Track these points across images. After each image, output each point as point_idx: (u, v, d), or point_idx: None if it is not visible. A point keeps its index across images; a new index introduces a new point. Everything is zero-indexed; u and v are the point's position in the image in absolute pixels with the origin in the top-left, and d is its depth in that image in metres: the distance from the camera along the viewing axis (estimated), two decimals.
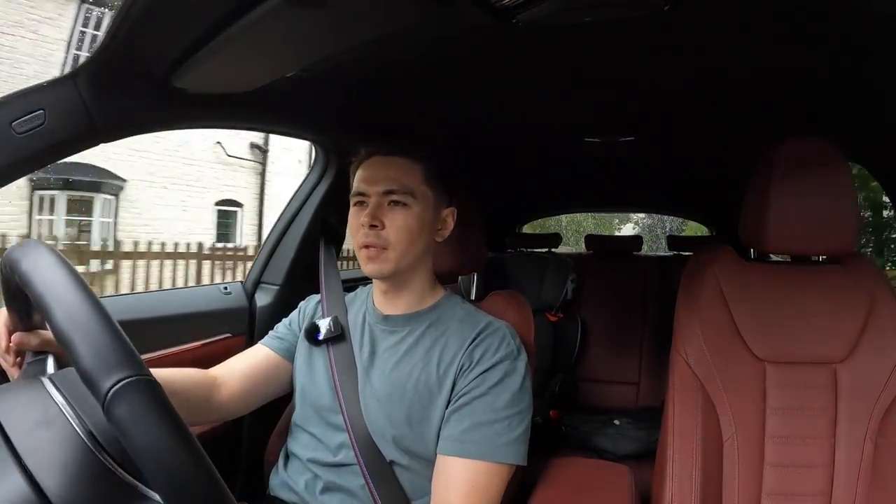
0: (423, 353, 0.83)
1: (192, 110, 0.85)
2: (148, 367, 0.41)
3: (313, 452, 0.84)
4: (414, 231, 0.82)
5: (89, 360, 0.39)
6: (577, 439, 1.78)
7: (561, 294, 2.08)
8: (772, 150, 0.92)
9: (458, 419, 0.78)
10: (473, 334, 0.83)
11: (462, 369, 0.80)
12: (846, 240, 0.91)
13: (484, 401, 0.78)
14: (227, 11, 0.57)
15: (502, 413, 0.77)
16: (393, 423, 0.80)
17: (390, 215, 0.82)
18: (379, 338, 0.88)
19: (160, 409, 0.39)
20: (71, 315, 0.41)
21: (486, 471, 0.75)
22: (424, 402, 0.80)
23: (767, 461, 0.90)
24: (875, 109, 1.02)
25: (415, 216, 0.82)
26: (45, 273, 0.44)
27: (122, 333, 0.41)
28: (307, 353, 0.90)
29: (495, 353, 0.80)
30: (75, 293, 0.42)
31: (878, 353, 0.90)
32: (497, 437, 0.76)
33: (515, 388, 0.79)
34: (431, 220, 0.86)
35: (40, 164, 0.70)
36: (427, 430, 0.79)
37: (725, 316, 0.94)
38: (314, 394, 0.86)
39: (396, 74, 0.93)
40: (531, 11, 0.61)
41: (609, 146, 1.40)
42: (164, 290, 1.22)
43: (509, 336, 0.84)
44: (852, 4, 0.62)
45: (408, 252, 0.83)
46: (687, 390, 0.92)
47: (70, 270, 0.44)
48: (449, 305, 0.89)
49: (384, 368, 0.84)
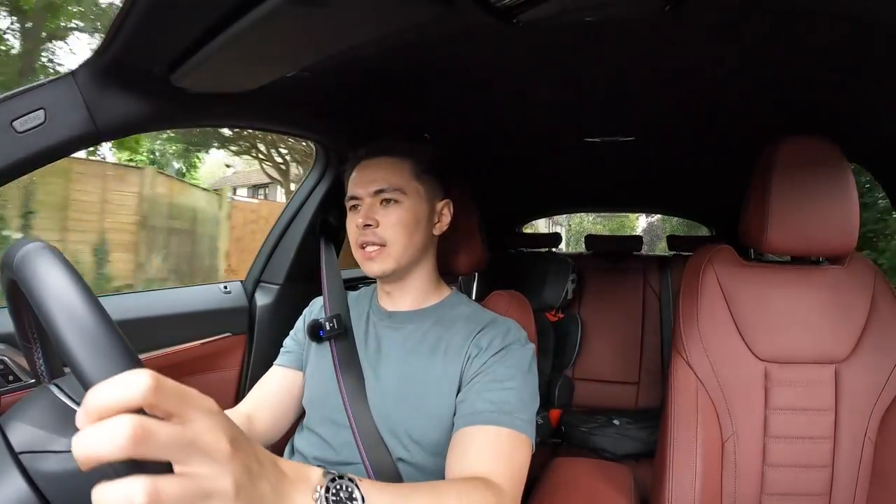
0: (429, 348, 0.83)
1: (193, 109, 0.86)
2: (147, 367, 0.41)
3: (318, 451, 0.84)
4: (409, 225, 0.83)
5: (83, 361, 0.39)
6: (577, 439, 1.78)
7: (561, 294, 2.08)
8: (772, 150, 0.92)
9: (472, 397, 0.76)
10: (480, 327, 0.83)
11: (469, 358, 0.80)
12: (847, 240, 0.91)
13: (496, 379, 0.77)
14: (227, 11, 0.57)
15: (514, 392, 0.76)
16: (403, 415, 0.80)
17: (383, 213, 0.83)
18: (384, 335, 0.88)
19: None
20: (66, 314, 0.41)
21: (507, 437, 0.71)
22: (433, 393, 0.80)
23: (767, 461, 0.90)
24: (875, 109, 1.02)
25: (408, 211, 0.83)
26: (43, 272, 0.44)
27: (119, 332, 0.41)
28: (314, 356, 0.91)
29: (504, 339, 0.81)
30: (72, 292, 0.42)
31: (879, 352, 0.90)
32: (513, 409, 0.73)
33: (525, 369, 0.80)
34: (426, 214, 0.86)
35: (40, 164, 0.70)
36: (438, 420, 0.78)
37: (726, 316, 0.94)
38: (319, 394, 0.87)
39: (396, 74, 0.93)
40: (531, 11, 0.61)
41: (609, 146, 1.40)
42: (164, 290, 1.22)
43: (515, 328, 0.85)
44: (852, 4, 0.62)
45: (407, 247, 0.84)
46: (687, 390, 0.92)
47: (69, 269, 0.44)
48: (455, 303, 0.90)
49: (391, 364, 0.84)
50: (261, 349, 1.24)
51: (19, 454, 0.42)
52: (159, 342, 1.06)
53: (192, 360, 1.13)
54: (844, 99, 0.98)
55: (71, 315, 0.40)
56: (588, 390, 2.08)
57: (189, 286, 1.32)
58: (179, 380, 0.33)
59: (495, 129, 1.32)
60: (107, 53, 0.67)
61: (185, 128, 0.93)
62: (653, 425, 1.72)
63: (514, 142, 1.45)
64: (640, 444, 1.69)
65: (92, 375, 0.38)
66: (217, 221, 7.09)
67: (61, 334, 0.39)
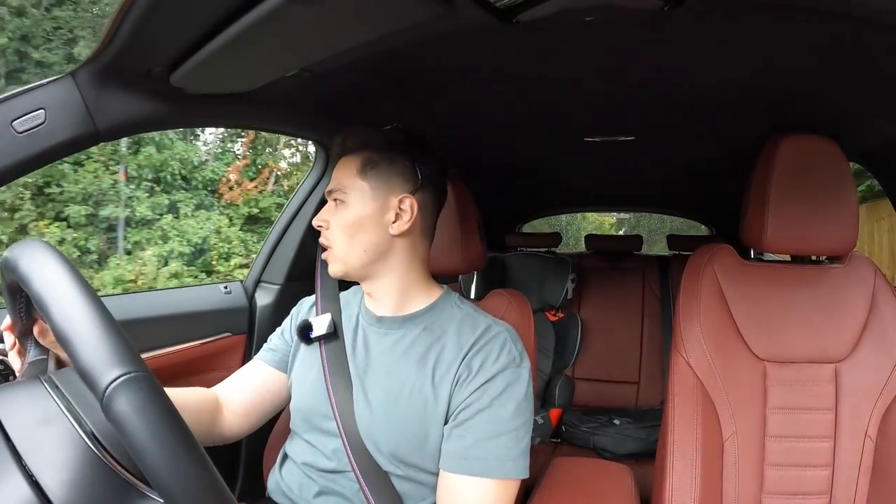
0: (417, 358, 0.79)
1: (192, 110, 0.86)
2: (148, 367, 0.41)
3: (309, 457, 0.82)
4: (349, 226, 0.79)
5: (87, 358, 0.39)
6: (578, 439, 1.78)
7: (561, 293, 2.08)
8: (772, 150, 0.92)
9: (460, 434, 0.74)
10: (472, 340, 0.78)
11: (459, 381, 0.76)
12: (846, 239, 0.91)
13: (487, 414, 0.74)
14: (228, 11, 0.57)
15: (507, 425, 0.74)
16: (388, 436, 0.77)
17: (334, 214, 0.81)
18: (372, 340, 0.84)
19: (158, 404, 0.38)
20: (69, 313, 0.41)
21: (494, 488, 0.72)
22: (420, 414, 0.76)
23: (768, 461, 0.90)
24: (875, 109, 1.02)
25: (349, 210, 0.79)
26: (44, 271, 0.44)
27: (120, 330, 0.41)
28: (301, 359, 0.88)
29: (496, 362, 0.76)
30: (73, 291, 0.42)
31: (879, 352, 0.90)
32: (504, 452, 0.72)
33: (520, 398, 0.76)
34: (374, 212, 0.79)
35: (40, 164, 0.70)
36: (425, 444, 0.76)
37: (725, 315, 0.94)
38: (307, 400, 0.84)
39: (396, 74, 0.93)
40: (531, 11, 0.61)
41: (609, 146, 1.40)
42: (164, 290, 1.22)
43: (510, 342, 0.79)
44: (852, 4, 0.62)
45: (350, 249, 0.80)
46: (687, 390, 0.92)
47: (69, 268, 0.44)
48: (446, 306, 0.85)
49: (378, 375, 0.81)
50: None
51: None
52: (160, 342, 1.06)
53: (193, 360, 1.13)
54: (844, 99, 0.98)
55: (75, 315, 0.41)
56: (588, 390, 2.07)
57: (189, 286, 1.32)
58: (180, 380, 0.33)
59: (495, 128, 1.32)
60: (106, 54, 0.67)
61: (184, 128, 0.92)
62: (653, 425, 1.72)
63: (513, 141, 1.45)
64: (641, 444, 1.68)
65: (94, 374, 0.38)
66: None
67: (66, 335, 0.40)
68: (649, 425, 1.72)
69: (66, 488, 0.41)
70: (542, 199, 2.50)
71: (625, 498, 0.93)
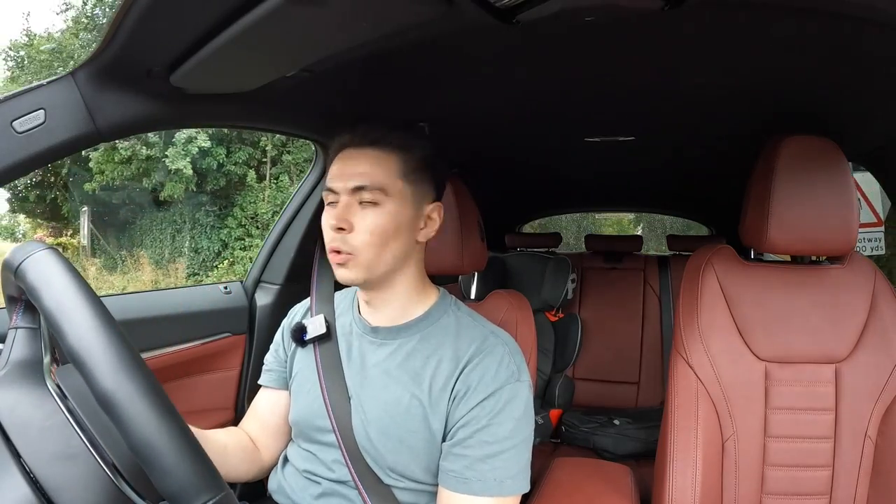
0: (413, 372, 0.77)
1: (192, 110, 0.85)
2: (148, 367, 0.41)
3: (309, 465, 0.81)
4: (387, 233, 0.73)
5: (104, 380, 0.39)
6: (578, 439, 1.78)
7: (561, 293, 2.08)
8: (772, 150, 0.92)
9: (458, 453, 0.72)
10: (469, 353, 0.75)
11: (457, 397, 0.74)
12: (847, 239, 0.91)
13: (486, 432, 0.71)
14: (227, 11, 0.57)
15: (506, 444, 0.71)
16: (386, 451, 0.76)
17: (360, 216, 0.73)
18: (367, 351, 0.81)
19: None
20: (84, 337, 0.41)
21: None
22: (417, 429, 0.75)
23: (768, 461, 0.90)
24: (875, 109, 1.02)
25: (388, 216, 0.73)
26: (56, 288, 0.43)
27: (136, 352, 0.41)
28: (297, 368, 0.87)
29: (494, 378, 0.73)
30: (89, 315, 0.42)
31: (879, 352, 0.90)
32: (503, 472, 0.71)
33: (518, 415, 0.73)
34: (410, 219, 0.76)
35: (40, 164, 0.70)
36: (423, 459, 0.75)
37: (726, 316, 0.94)
38: (304, 414, 0.83)
39: (396, 74, 0.93)
40: (531, 12, 0.61)
41: (609, 146, 1.40)
42: (164, 290, 1.22)
43: (508, 356, 0.76)
44: (853, 3, 0.62)
45: (380, 257, 0.74)
46: (687, 390, 0.92)
47: (80, 284, 0.43)
48: (443, 312, 0.81)
49: (374, 390, 0.78)
50: (261, 349, 1.24)
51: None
52: (160, 342, 1.06)
53: (193, 360, 1.13)
54: (844, 99, 0.98)
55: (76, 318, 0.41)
56: (588, 390, 2.08)
57: (189, 286, 1.32)
58: (179, 380, 0.33)
59: (495, 129, 1.32)
60: (106, 53, 0.67)
61: (184, 128, 0.92)
62: (653, 425, 1.71)
63: (514, 142, 1.45)
64: (641, 444, 1.68)
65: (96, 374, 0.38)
66: None
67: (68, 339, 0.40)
68: (649, 425, 1.72)
69: (65, 488, 0.41)
70: (542, 199, 2.50)
71: (625, 498, 0.93)
